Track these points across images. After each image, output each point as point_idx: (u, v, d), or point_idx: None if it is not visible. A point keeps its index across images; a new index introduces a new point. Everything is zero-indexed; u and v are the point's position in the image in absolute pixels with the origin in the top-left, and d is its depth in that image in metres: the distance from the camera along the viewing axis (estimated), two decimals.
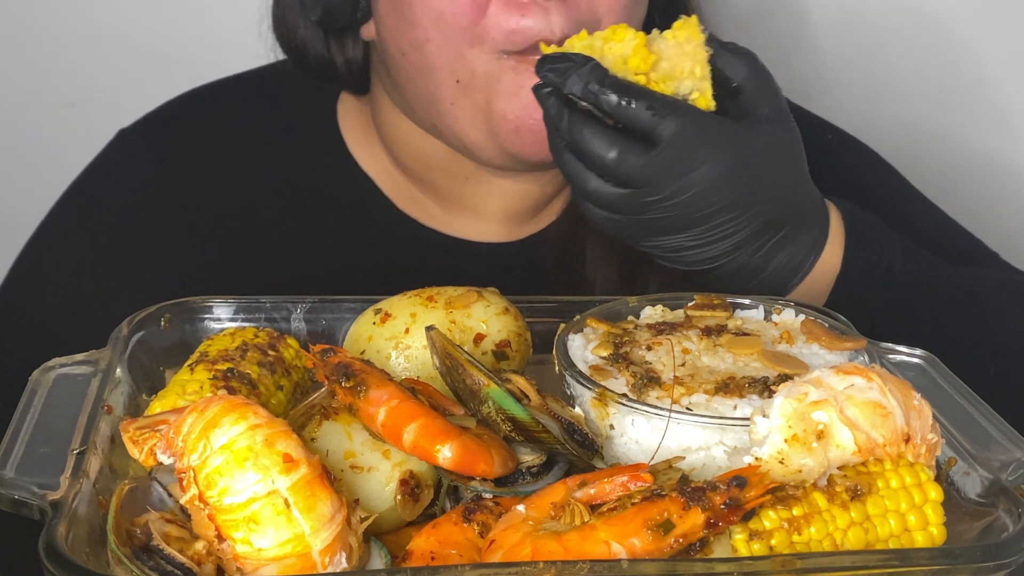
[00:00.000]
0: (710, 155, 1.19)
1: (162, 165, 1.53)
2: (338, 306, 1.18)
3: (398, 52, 1.39)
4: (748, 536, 0.86)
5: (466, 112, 1.37)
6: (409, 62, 1.38)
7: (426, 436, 0.94)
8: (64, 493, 0.89)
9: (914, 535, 0.90)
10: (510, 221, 1.53)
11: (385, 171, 1.54)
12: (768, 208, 1.24)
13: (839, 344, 1.08)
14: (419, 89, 1.40)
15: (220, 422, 0.86)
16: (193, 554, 0.85)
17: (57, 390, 1.03)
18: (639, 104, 1.18)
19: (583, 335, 1.10)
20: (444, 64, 1.35)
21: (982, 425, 1.03)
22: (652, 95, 1.19)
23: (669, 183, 1.19)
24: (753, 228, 1.24)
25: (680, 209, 1.21)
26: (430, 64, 1.36)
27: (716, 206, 1.21)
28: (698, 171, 1.19)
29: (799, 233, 1.29)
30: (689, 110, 1.20)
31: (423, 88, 1.39)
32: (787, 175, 1.28)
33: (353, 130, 1.56)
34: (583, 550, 0.84)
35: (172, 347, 1.14)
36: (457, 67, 1.34)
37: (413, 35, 1.35)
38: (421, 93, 1.40)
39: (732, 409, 0.98)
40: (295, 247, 1.51)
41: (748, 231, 1.24)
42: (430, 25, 1.34)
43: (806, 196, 1.31)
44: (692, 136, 1.18)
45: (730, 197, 1.21)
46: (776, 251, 1.27)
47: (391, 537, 0.94)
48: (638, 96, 1.18)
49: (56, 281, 1.51)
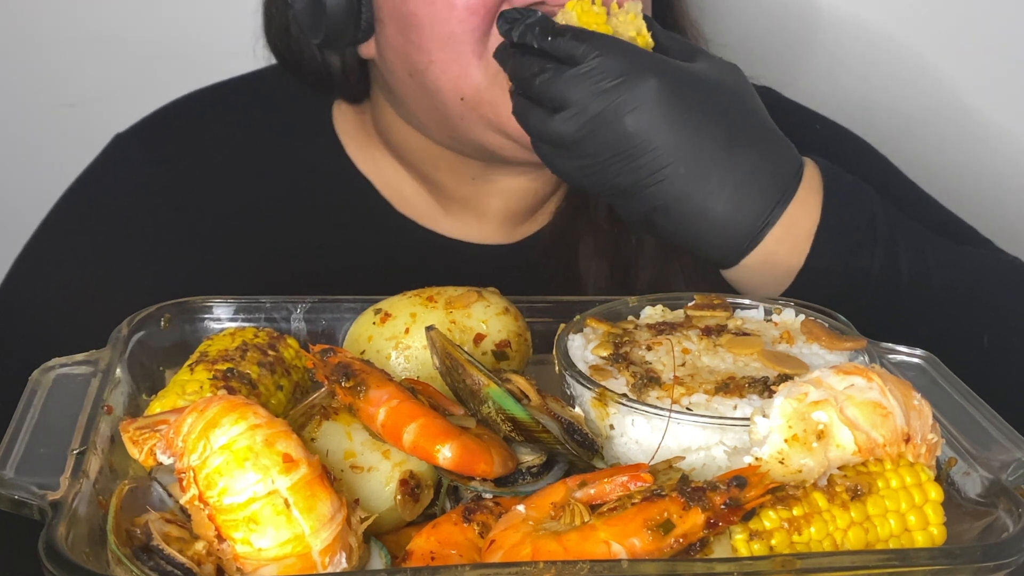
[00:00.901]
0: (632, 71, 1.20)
1: (159, 168, 1.54)
2: (338, 306, 1.18)
3: (404, 73, 1.39)
4: (748, 536, 0.86)
5: (477, 124, 1.38)
6: (416, 83, 1.38)
7: (426, 436, 0.94)
8: (64, 493, 0.89)
9: (914, 535, 0.90)
10: (508, 221, 1.54)
11: (382, 172, 1.55)
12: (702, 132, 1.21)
13: (839, 344, 1.09)
14: (428, 108, 1.40)
15: (220, 422, 0.86)
16: (193, 554, 0.85)
17: (57, 390, 1.03)
18: (568, 34, 1.22)
19: (583, 335, 1.10)
20: (447, 84, 1.35)
21: (982, 425, 1.03)
22: (583, 30, 1.24)
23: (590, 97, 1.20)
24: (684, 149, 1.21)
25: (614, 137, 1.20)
26: (435, 85, 1.36)
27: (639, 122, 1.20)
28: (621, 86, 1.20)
29: (754, 171, 1.24)
30: (610, 37, 1.24)
31: (431, 107, 1.40)
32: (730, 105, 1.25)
33: (350, 132, 1.56)
34: (583, 550, 0.84)
35: (172, 347, 1.14)
36: (461, 85, 1.35)
37: (419, 57, 1.36)
38: (431, 112, 1.41)
39: (732, 409, 0.98)
40: (292, 249, 1.51)
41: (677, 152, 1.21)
42: (436, 47, 1.34)
43: (761, 134, 1.27)
44: (616, 57, 1.21)
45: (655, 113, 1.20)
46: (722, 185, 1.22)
47: (391, 537, 0.94)
48: (570, 31, 1.23)
49: (56, 281, 1.51)
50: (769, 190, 1.25)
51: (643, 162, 1.21)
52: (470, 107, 1.36)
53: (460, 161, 1.48)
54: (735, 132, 1.24)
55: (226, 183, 1.53)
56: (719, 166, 1.22)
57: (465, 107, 1.36)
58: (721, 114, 1.24)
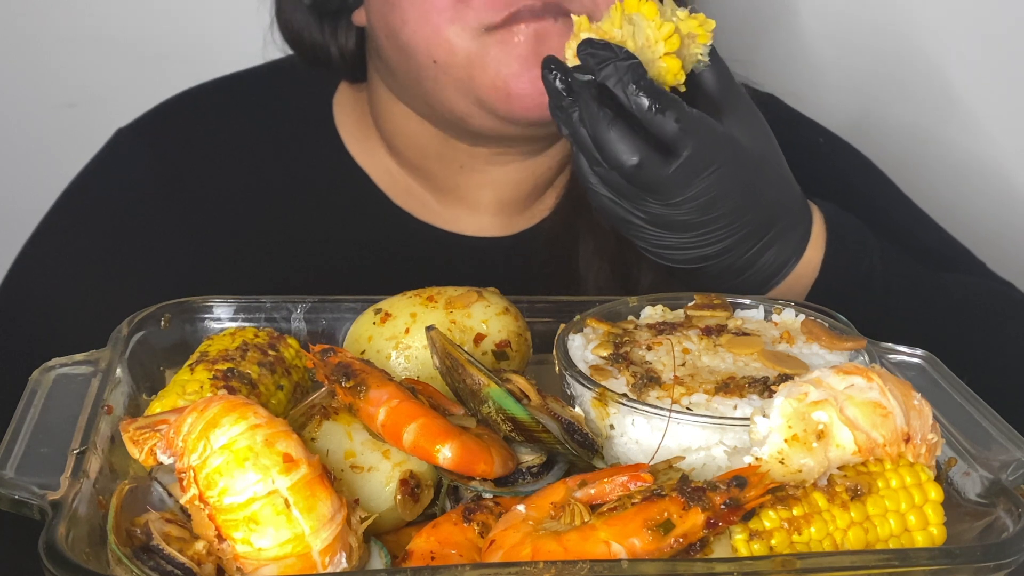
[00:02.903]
0: (719, 167, 1.20)
1: (161, 163, 1.54)
2: (338, 306, 1.19)
3: (384, 35, 1.42)
4: (748, 536, 0.86)
5: (448, 88, 1.39)
6: (392, 44, 1.41)
7: (426, 436, 0.94)
8: (64, 493, 0.89)
9: (914, 535, 0.90)
10: (503, 212, 1.55)
11: (380, 165, 1.56)
12: (761, 212, 1.26)
13: (839, 344, 1.09)
14: (404, 70, 1.42)
15: (220, 422, 0.86)
16: (193, 554, 0.85)
17: (57, 390, 1.03)
18: (668, 115, 1.17)
19: (583, 335, 1.10)
20: (420, 44, 1.37)
21: (982, 425, 1.03)
22: (681, 107, 1.18)
23: (680, 192, 1.20)
24: (745, 232, 1.25)
25: (684, 214, 1.22)
26: (407, 45, 1.38)
27: (717, 212, 1.22)
28: (708, 182, 1.20)
29: (784, 234, 1.30)
30: (708, 123, 1.20)
31: (407, 69, 1.41)
32: (775, 176, 1.29)
33: (349, 125, 1.58)
34: (583, 550, 0.84)
35: (172, 347, 1.14)
36: (433, 46, 1.36)
37: (393, 17, 1.38)
38: (407, 74, 1.42)
39: (732, 409, 0.98)
40: (290, 241, 1.52)
41: (740, 235, 1.25)
42: (408, 6, 1.36)
43: (790, 195, 1.32)
44: (708, 150, 1.19)
45: (731, 204, 1.23)
46: (763, 252, 1.29)
47: (391, 537, 0.94)
48: (668, 106, 1.17)
49: (56, 281, 1.52)
50: (790, 251, 1.31)
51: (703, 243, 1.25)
52: (443, 70, 1.37)
53: (448, 148, 1.49)
54: (778, 207, 1.29)
55: (224, 178, 1.54)
56: (762, 236, 1.28)
57: (438, 70, 1.37)
58: (770, 193, 1.28)
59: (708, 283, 1.28)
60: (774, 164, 1.30)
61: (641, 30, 1.18)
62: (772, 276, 1.31)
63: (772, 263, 1.30)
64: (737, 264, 1.28)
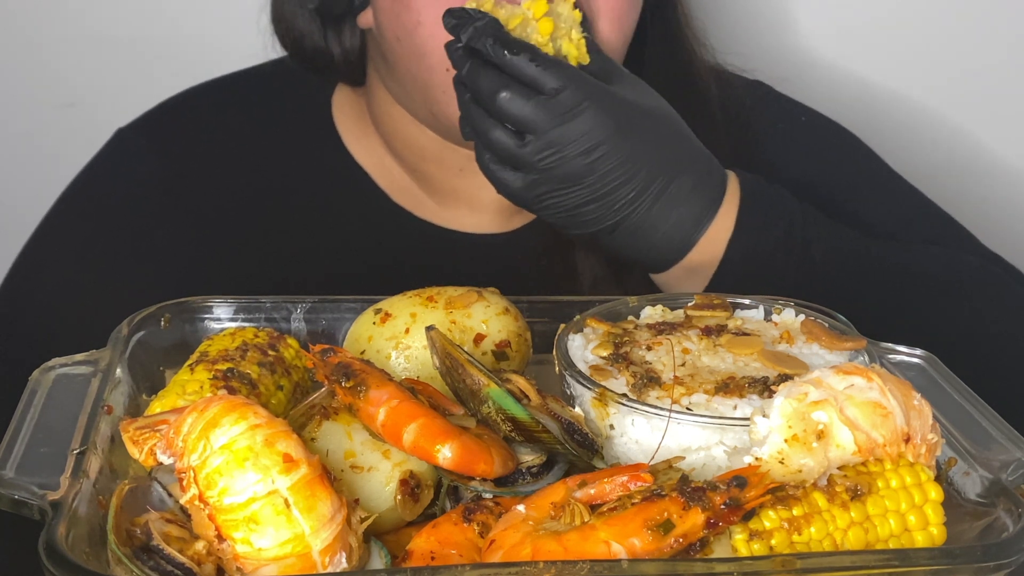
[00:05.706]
0: (591, 106, 1.25)
1: (161, 163, 1.55)
2: (338, 306, 1.19)
3: (393, 37, 1.41)
4: (748, 536, 0.86)
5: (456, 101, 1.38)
6: (403, 47, 1.40)
7: (426, 436, 0.94)
8: (64, 493, 0.89)
9: (914, 535, 0.90)
10: (502, 212, 1.55)
11: (380, 164, 1.56)
12: (653, 160, 1.28)
13: (839, 344, 1.09)
14: (413, 76, 1.41)
15: (220, 422, 0.86)
16: (193, 554, 0.85)
17: (57, 390, 1.03)
18: (523, 55, 1.25)
19: (583, 335, 1.10)
20: (435, 49, 1.36)
21: (982, 425, 1.03)
22: (535, 50, 1.27)
23: (555, 127, 1.24)
24: (641, 180, 1.28)
25: (568, 156, 1.25)
26: (422, 49, 1.38)
27: (600, 153, 1.25)
28: (581, 118, 1.25)
29: (694, 191, 1.32)
30: (569, 67, 1.28)
31: (416, 74, 1.41)
32: (670, 132, 1.33)
33: (348, 124, 1.58)
34: (583, 550, 0.84)
35: (172, 347, 1.14)
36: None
37: (407, 18, 1.38)
38: (415, 79, 1.42)
39: (732, 409, 0.98)
40: (291, 240, 1.52)
41: (637, 183, 1.28)
42: (423, 7, 1.36)
43: (692, 154, 1.34)
44: (574, 87, 1.25)
45: (614, 146, 1.26)
46: (670, 207, 1.30)
47: (391, 537, 0.94)
48: (523, 49, 1.25)
49: (56, 281, 1.52)
50: (701, 207, 1.33)
51: (603, 192, 1.27)
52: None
53: (447, 151, 1.49)
54: (678, 158, 1.32)
55: (224, 177, 1.55)
56: (667, 192, 1.30)
57: (448, 79, 1.36)
58: (665, 142, 1.31)
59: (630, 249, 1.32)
60: (669, 122, 1.33)
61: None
62: (689, 235, 1.32)
63: (685, 219, 1.31)
64: (648, 220, 1.29)
